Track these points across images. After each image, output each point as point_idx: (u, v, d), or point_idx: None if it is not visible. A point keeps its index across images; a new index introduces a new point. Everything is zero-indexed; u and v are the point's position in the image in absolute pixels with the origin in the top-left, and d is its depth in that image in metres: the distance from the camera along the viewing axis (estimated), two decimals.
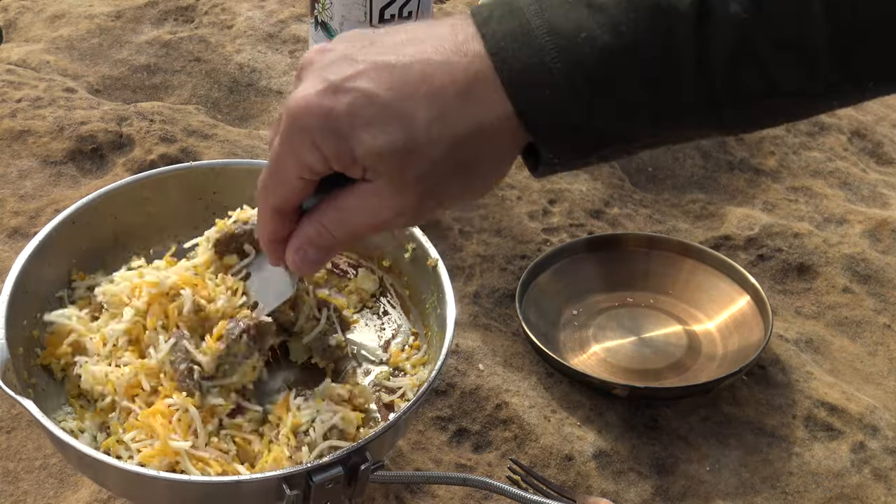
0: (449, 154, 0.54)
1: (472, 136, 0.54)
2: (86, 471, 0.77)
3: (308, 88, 0.55)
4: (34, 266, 0.83)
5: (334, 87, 0.54)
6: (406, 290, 0.92)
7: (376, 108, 0.53)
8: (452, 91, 0.53)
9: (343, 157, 0.55)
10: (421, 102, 0.53)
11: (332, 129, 0.54)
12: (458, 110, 0.53)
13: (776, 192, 1.32)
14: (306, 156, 0.56)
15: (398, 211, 0.57)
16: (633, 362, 1.05)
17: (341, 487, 0.71)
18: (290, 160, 0.57)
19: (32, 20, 1.53)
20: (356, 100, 0.53)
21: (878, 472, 0.97)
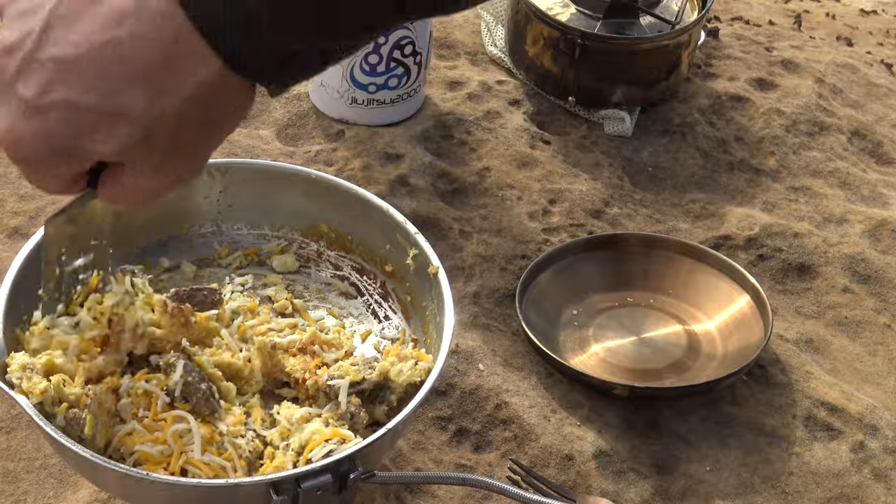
0: (184, 121, 0.51)
1: (197, 97, 0.50)
2: (84, 472, 0.77)
3: (10, 115, 0.50)
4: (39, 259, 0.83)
5: (33, 107, 0.49)
6: (408, 296, 0.92)
7: (90, 115, 0.49)
8: (158, 66, 0.48)
9: (87, 161, 0.52)
10: (131, 93, 0.49)
11: (60, 150, 0.50)
12: (172, 83, 0.49)
13: (776, 192, 1.32)
14: (55, 172, 0.53)
15: (170, 179, 0.54)
16: (633, 362, 1.05)
17: (330, 495, 0.71)
18: (45, 178, 0.54)
19: None
20: (65, 114, 0.49)
21: (878, 471, 0.97)
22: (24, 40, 0.49)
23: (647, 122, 1.40)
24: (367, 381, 0.81)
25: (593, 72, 1.35)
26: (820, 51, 1.62)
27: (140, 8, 0.48)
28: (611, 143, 1.36)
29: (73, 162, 0.52)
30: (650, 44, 1.34)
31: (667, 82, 1.39)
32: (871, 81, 1.57)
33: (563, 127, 1.38)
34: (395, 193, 1.19)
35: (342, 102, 1.28)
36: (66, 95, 0.49)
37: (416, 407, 0.76)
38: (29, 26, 0.49)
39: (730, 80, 1.49)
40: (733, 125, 1.42)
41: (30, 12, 0.50)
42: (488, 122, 1.35)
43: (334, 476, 0.70)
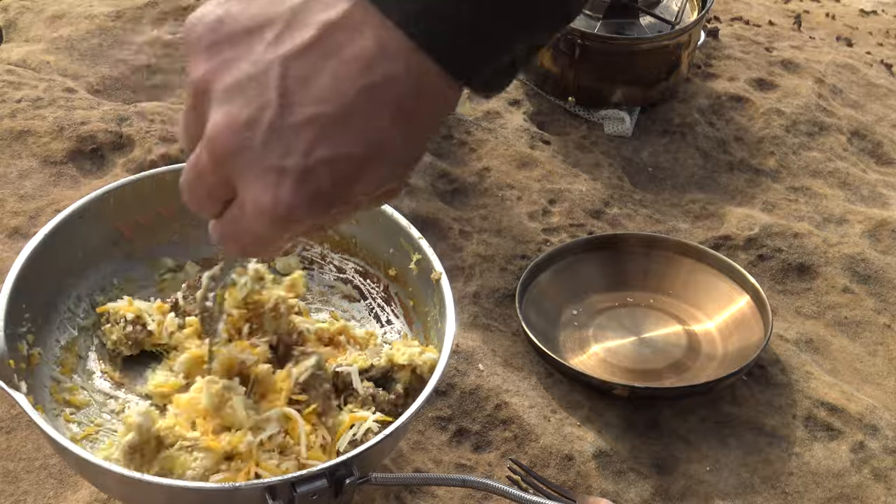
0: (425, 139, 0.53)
1: (440, 123, 0.52)
2: (83, 473, 0.78)
3: (273, 188, 0.49)
4: (39, 260, 0.84)
5: (299, 173, 0.49)
6: (411, 301, 0.92)
7: (356, 164, 0.50)
8: (412, 103, 0.50)
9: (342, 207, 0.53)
10: (392, 133, 0.50)
11: (325, 203, 0.51)
12: (424, 115, 0.51)
13: (776, 192, 1.32)
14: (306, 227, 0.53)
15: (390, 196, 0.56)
16: (633, 362, 1.05)
17: (326, 500, 0.71)
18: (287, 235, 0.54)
19: (32, 20, 1.53)
20: (332, 170, 0.49)
21: (878, 472, 0.97)
22: (262, 111, 0.49)
23: (647, 123, 1.40)
24: (375, 368, 0.82)
25: (593, 72, 1.35)
26: (820, 51, 1.63)
27: (384, 51, 0.48)
28: (611, 143, 1.36)
29: (331, 212, 0.52)
30: (650, 44, 1.34)
31: (667, 82, 1.39)
32: (870, 81, 1.57)
33: (562, 127, 1.38)
34: None
35: None
36: (332, 152, 0.49)
37: (416, 411, 0.76)
38: (261, 97, 0.49)
39: (730, 80, 1.49)
40: (733, 125, 1.42)
41: (248, 84, 0.49)
42: (488, 122, 1.35)
43: (330, 481, 0.70)
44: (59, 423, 0.81)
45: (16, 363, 0.78)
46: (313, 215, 0.51)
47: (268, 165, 0.49)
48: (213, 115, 0.50)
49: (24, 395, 0.74)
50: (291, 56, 0.48)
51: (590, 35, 1.32)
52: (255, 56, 0.49)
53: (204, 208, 0.54)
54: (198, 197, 0.54)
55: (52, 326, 0.87)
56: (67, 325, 0.88)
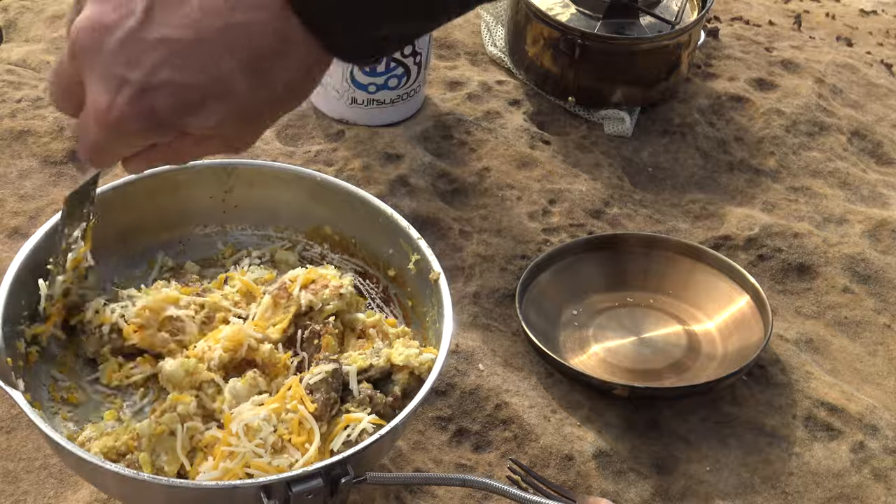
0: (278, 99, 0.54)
1: (294, 80, 0.53)
2: (82, 474, 0.78)
3: (111, 93, 0.51)
4: (38, 258, 0.84)
5: (139, 88, 0.51)
6: (409, 301, 0.92)
7: (197, 95, 0.51)
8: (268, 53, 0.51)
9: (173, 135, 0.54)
10: (239, 76, 0.51)
11: (160, 125, 0.52)
12: (277, 68, 0.51)
13: (776, 192, 1.32)
14: (136, 144, 0.55)
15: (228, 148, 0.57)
16: (633, 362, 1.05)
17: (321, 499, 0.71)
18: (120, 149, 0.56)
19: (32, 20, 1.53)
20: (172, 94, 0.51)
21: (878, 472, 0.97)
22: (124, 19, 0.50)
23: (647, 123, 1.40)
24: (374, 368, 0.82)
25: (593, 72, 1.35)
26: (820, 51, 1.63)
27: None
28: (611, 144, 1.36)
29: (162, 136, 0.53)
30: (650, 44, 1.34)
31: (667, 82, 1.39)
32: (870, 81, 1.57)
33: (563, 127, 1.38)
34: (395, 193, 1.19)
35: (342, 102, 1.28)
36: (175, 76, 0.50)
37: (413, 410, 0.76)
38: (128, 5, 0.50)
39: (730, 80, 1.49)
40: (733, 125, 1.42)
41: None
42: (488, 122, 1.35)
43: (325, 480, 0.70)
44: (56, 422, 0.81)
45: (14, 361, 0.78)
46: (145, 131, 0.52)
47: (114, 71, 0.51)
48: (84, 11, 0.52)
49: (22, 393, 0.74)
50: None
51: (590, 35, 1.32)
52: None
53: (62, 104, 0.56)
54: (57, 89, 0.55)
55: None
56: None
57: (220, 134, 0.54)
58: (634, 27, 1.37)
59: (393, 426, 0.75)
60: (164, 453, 0.77)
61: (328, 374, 0.79)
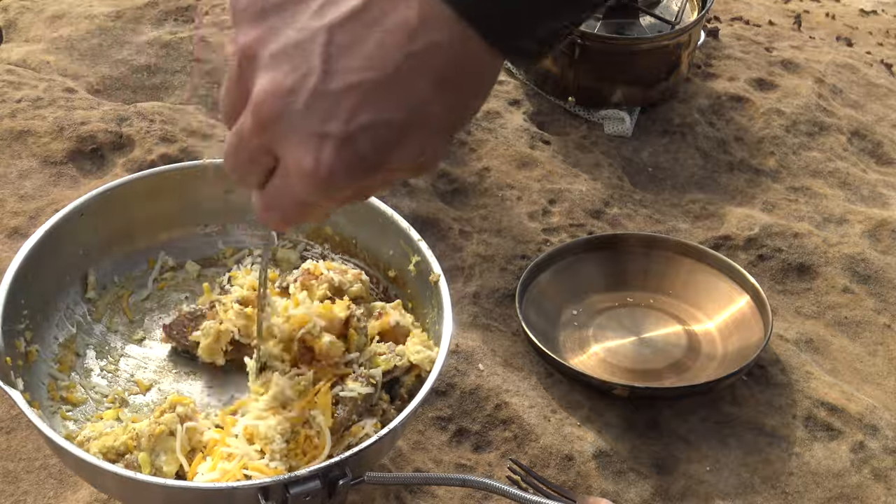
0: (467, 111, 0.54)
1: (480, 90, 0.53)
2: (82, 474, 0.77)
3: (315, 152, 0.50)
4: (38, 257, 0.84)
5: (341, 138, 0.50)
6: (410, 303, 0.92)
7: (397, 131, 0.51)
8: (454, 72, 0.51)
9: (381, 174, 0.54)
10: (434, 102, 0.51)
11: (368, 168, 0.52)
12: (466, 86, 0.52)
13: (776, 192, 1.32)
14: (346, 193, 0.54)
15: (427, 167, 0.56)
16: (633, 362, 1.05)
17: (319, 501, 0.71)
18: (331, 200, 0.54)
19: (32, 20, 1.53)
20: (375, 136, 0.50)
21: (878, 472, 0.97)
22: (306, 78, 0.50)
23: (647, 123, 1.40)
24: (398, 369, 0.82)
25: (593, 72, 1.35)
26: (820, 51, 1.63)
27: (427, 20, 0.49)
28: (611, 144, 1.36)
29: (370, 179, 0.53)
30: (650, 44, 1.34)
31: (667, 82, 1.39)
32: (870, 81, 1.57)
33: (562, 127, 1.38)
34: (394, 193, 1.19)
35: None
36: (374, 117, 0.50)
37: (412, 411, 0.76)
38: (305, 64, 0.50)
39: (730, 80, 1.49)
40: (733, 125, 1.42)
41: (294, 51, 0.50)
42: (488, 122, 1.35)
43: (323, 482, 0.70)
44: (55, 422, 0.81)
45: (13, 360, 0.78)
46: (354, 180, 0.52)
47: (310, 130, 0.50)
48: (258, 81, 0.51)
49: (21, 392, 0.74)
50: (336, 24, 0.49)
51: (590, 35, 1.32)
52: (301, 24, 0.50)
53: (246, 176, 0.55)
54: (241, 163, 0.54)
55: (50, 324, 0.87)
56: (66, 323, 0.88)
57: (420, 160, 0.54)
58: (634, 27, 1.37)
59: (392, 427, 0.75)
60: (164, 453, 0.77)
61: (361, 396, 0.79)
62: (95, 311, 0.91)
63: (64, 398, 0.83)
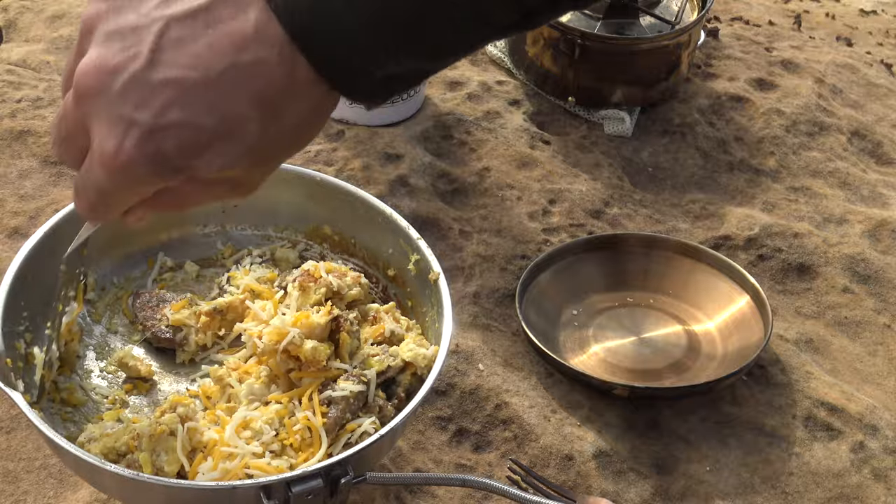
0: (287, 139, 0.53)
1: (304, 120, 0.52)
2: (81, 474, 0.77)
3: (119, 137, 0.50)
4: (38, 258, 0.83)
5: (148, 130, 0.50)
6: (409, 301, 0.92)
7: (206, 136, 0.50)
8: (277, 92, 0.50)
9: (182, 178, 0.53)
10: (249, 116, 0.50)
11: (168, 168, 0.51)
12: (287, 107, 0.51)
13: (776, 192, 1.32)
14: (146, 190, 0.54)
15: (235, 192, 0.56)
16: (633, 362, 1.05)
17: (321, 500, 0.71)
18: (130, 195, 0.54)
19: (32, 20, 1.53)
20: (181, 135, 0.50)
21: (878, 472, 0.97)
22: (131, 61, 0.50)
23: (647, 123, 1.40)
24: (391, 369, 0.82)
25: (593, 72, 1.35)
26: (820, 51, 1.63)
27: (260, 35, 0.49)
28: (611, 144, 1.36)
29: (170, 180, 0.52)
30: (650, 44, 1.34)
31: (667, 82, 1.39)
32: (870, 81, 1.57)
33: (562, 127, 1.38)
34: (395, 193, 1.19)
35: (342, 102, 1.27)
36: (184, 117, 0.49)
37: (412, 411, 0.76)
38: (135, 48, 0.50)
39: (730, 80, 1.49)
40: (733, 125, 1.42)
41: (129, 33, 0.50)
42: (488, 122, 1.35)
43: (325, 480, 0.70)
44: (56, 422, 0.81)
45: (13, 362, 0.78)
46: (153, 175, 0.51)
47: (120, 114, 0.50)
48: (87, 54, 0.51)
49: (21, 393, 0.74)
50: (176, 18, 0.49)
51: (590, 35, 1.32)
52: (144, 9, 0.50)
53: (64, 153, 0.55)
54: (61, 137, 0.54)
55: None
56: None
57: (228, 177, 0.53)
58: (634, 27, 1.37)
59: (393, 426, 0.75)
60: (165, 453, 0.77)
61: (353, 395, 0.79)
62: (95, 312, 0.91)
63: (64, 400, 0.83)
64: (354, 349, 0.84)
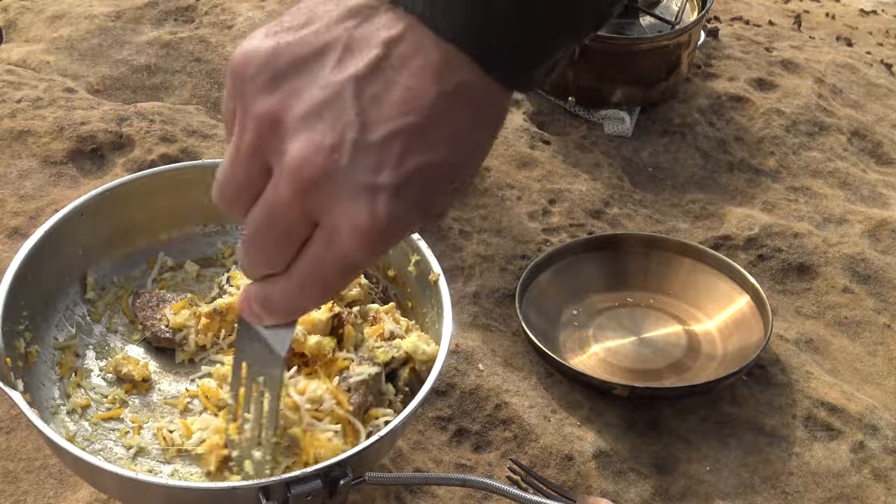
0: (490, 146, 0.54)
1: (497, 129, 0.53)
2: (81, 474, 0.77)
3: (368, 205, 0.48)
4: (38, 257, 0.84)
5: (395, 187, 0.48)
6: (409, 302, 0.92)
7: (445, 170, 0.50)
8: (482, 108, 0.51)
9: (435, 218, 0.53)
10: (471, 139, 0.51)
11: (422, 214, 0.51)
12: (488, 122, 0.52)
13: (776, 192, 1.32)
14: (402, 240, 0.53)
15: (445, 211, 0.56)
16: (633, 362, 1.05)
17: (321, 500, 0.71)
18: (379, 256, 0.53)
19: (32, 20, 1.53)
20: (425, 179, 0.49)
21: (878, 472, 0.97)
22: (344, 133, 0.48)
23: (647, 123, 1.40)
24: (395, 360, 0.82)
25: (593, 72, 1.35)
26: (820, 51, 1.63)
27: (447, 61, 0.49)
28: (611, 143, 1.36)
29: (424, 224, 0.52)
30: (650, 44, 1.34)
31: (667, 82, 1.39)
32: (870, 81, 1.57)
33: (563, 127, 1.38)
34: None
35: None
36: (420, 160, 0.49)
37: (413, 411, 0.76)
38: (340, 120, 0.48)
39: (730, 80, 1.49)
40: (733, 125, 1.42)
41: (324, 110, 0.48)
42: None
43: (324, 482, 0.70)
44: (56, 422, 0.81)
45: (13, 361, 0.78)
46: (410, 227, 0.50)
47: (360, 184, 0.48)
48: (291, 147, 0.48)
49: (21, 393, 0.74)
50: (361, 75, 0.48)
51: None
52: (324, 81, 0.48)
53: (277, 256, 0.52)
54: (274, 241, 0.51)
55: (50, 324, 0.87)
56: (66, 324, 0.88)
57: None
58: (634, 27, 1.37)
59: (392, 427, 0.75)
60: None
61: (371, 377, 0.79)
62: (95, 312, 0.91)
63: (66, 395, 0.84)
64: (359, 342, 0.84)
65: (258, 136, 0.49)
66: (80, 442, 0.81)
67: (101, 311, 0.91)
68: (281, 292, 0.53)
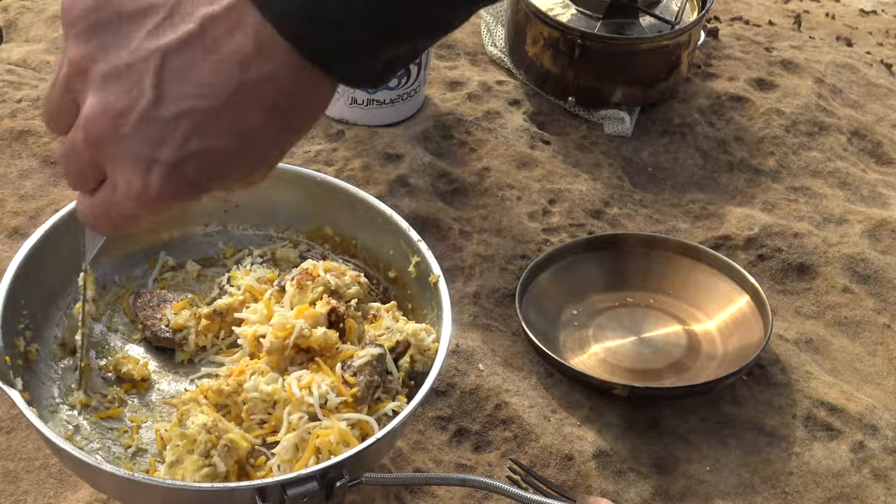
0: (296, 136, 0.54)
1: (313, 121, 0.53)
2: (80, 474, 0.78)
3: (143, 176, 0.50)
4: (39, 256, 0.84)
5: (171, 164, 0.50)
6: (409, 303, 0.92)
7: (226, 158, 0.51)
8: (286, 102, 0.50)
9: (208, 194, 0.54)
10: (263, 131, 0.51)
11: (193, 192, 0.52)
12: (297, 115, 0.52)
13: (776, 192, 1.32)
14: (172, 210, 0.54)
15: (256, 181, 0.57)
16: (633, 362, 1.05)
17: (317, 502, 0.71)
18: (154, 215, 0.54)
19: (32, 20, 1.53)
20: (202, 162, 0.50)
21: (878, 471, 0.97)
22: (136, 101, 0.49)
23: (647, 123, 1.40)
24: (399, 345, 0.83)
25: (593, 72, 1.35)
26: (820, 51, 1.63)
27: (262, 50, 0.49)
28: (611, 143, 1.36)
29: (195, 199, 0.53)
30: (650, 44, 1.34)
31: (667, 82, 1.39)
32: (870, 81, 1.57)
33: (562, 127, 1.38)
34: (394, 194, 1.19)
35: (342, 102, 1.28)
36: (203, 145, 0.50)
37: (412, 412, 0.76)
38: (136, 87, 0.49)
39: (730, 80, 1.49)
40: (733, 125, 1.42)
41: (125, 73, 0.49)
42: (488, 122, 1.35)
43: (320, 483, 0.70)
44: (55, 421, 0.81)
45: (13, 360, 0.78)
46: (183, 200, 0.52)
47: (139, 154, 0.50)
48: (89, 100, 0.50)
49: (20, 392, 0.74)
50: (171, 48, 0.49)
51: (590, 35, 1.32)
52: (135, 44, 0.49)
53: (78, 185, 0.55)
54: (72, 174, 0.54)
55: (50, 323, 0.87)
56: (66, 323, 0.88)
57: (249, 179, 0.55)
58: (634, 27, 1.37)
59: (392, 427, 0.75)
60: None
61: (373, 356, 0.80)
62: (95, 311, 0.91)
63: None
64: (361, 333, 0.84)
65: (68, 77, 0.51)
66: (78, 441, 0.81)
67: (102, 311, 0.91)
68: (83, 211, 0.55)
